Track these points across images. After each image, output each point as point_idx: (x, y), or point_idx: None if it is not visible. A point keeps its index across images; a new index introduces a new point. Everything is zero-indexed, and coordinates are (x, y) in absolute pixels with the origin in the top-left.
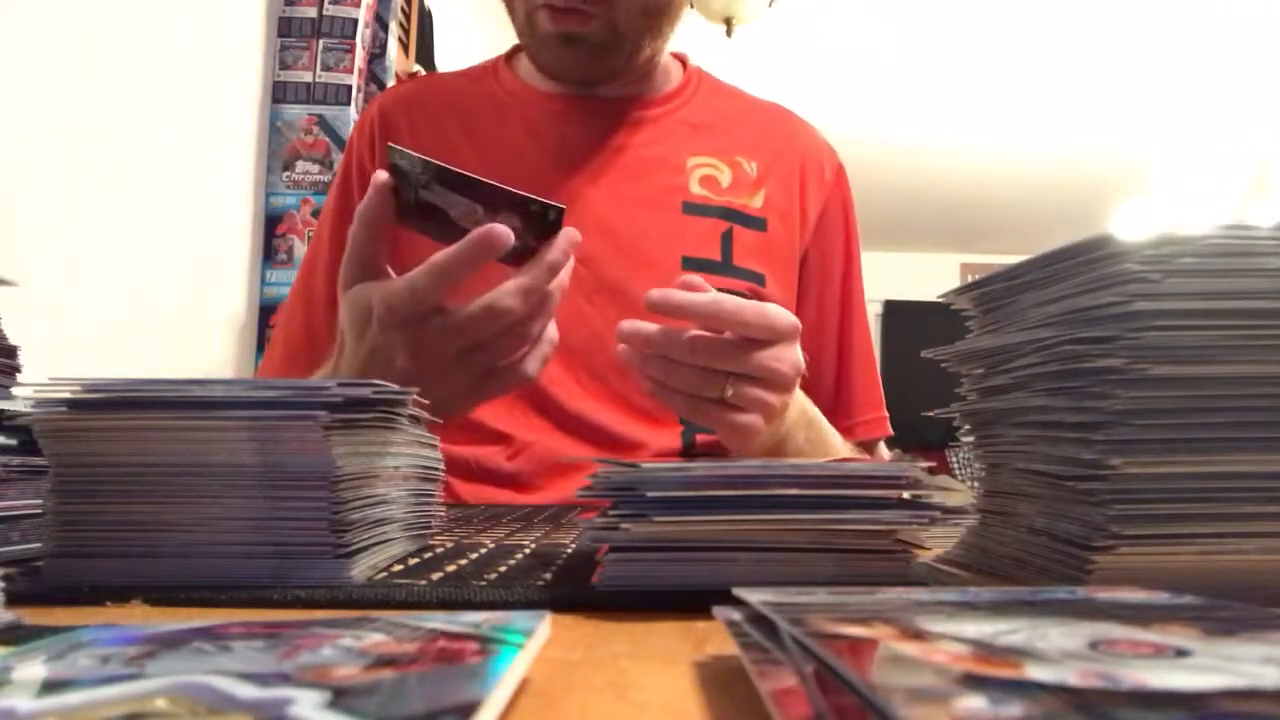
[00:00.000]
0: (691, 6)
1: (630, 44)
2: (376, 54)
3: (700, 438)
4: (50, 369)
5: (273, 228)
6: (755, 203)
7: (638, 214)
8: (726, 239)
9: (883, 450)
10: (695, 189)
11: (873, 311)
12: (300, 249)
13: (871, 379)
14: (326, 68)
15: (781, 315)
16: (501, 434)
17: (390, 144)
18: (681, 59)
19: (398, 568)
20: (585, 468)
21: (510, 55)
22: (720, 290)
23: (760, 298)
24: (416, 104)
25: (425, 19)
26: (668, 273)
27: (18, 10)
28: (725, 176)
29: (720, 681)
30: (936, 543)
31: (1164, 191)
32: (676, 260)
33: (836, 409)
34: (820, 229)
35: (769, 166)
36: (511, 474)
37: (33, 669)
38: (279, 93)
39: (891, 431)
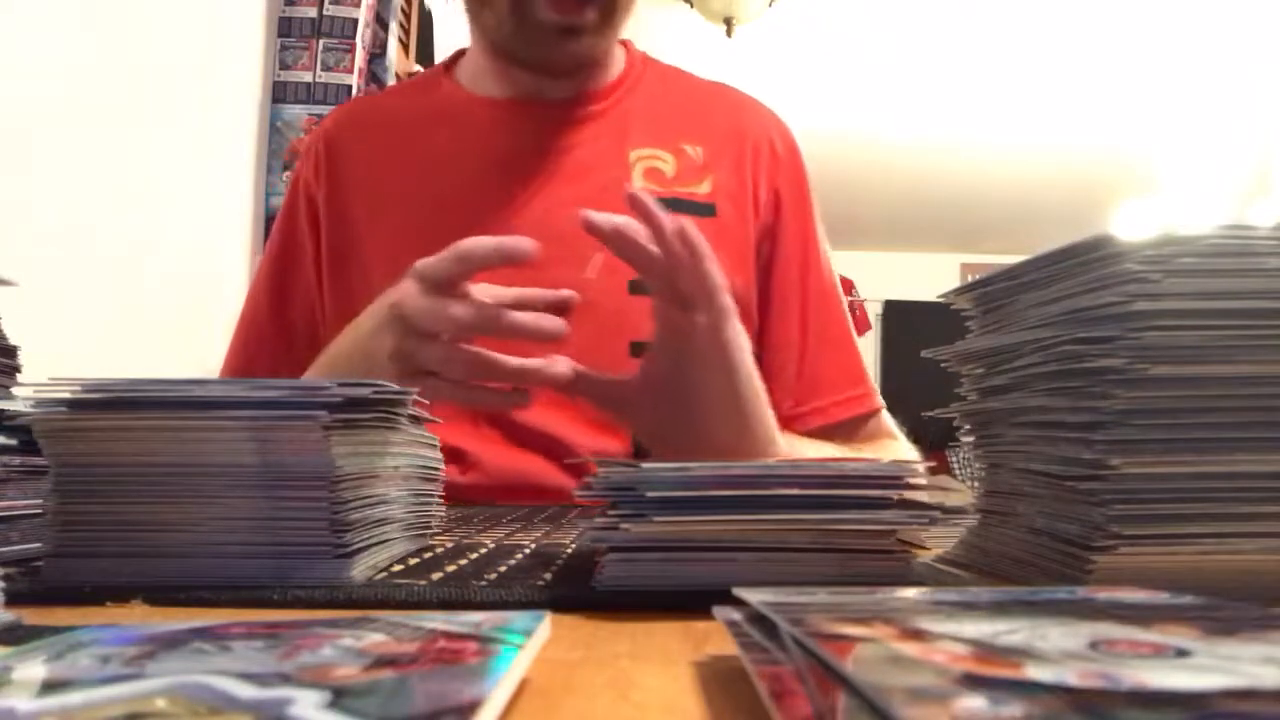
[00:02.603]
0: (691, 6)
1: (615, 30)
2: (376, 54)
3: (646, 445)
4: (50, 369)
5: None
6: (702, 189)
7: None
8: None
9: (886, 422)
10: (639, 183)
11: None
12: None
13: (845, 356)
14: (326, 68)
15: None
16: (454, 450)
17: None
18: (625, 45)
19: (398, 568)
20: (540, 480)
21: (450, 64)
22: None
23: None
24: (363, 125)
25: (425, 19)
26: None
27: (18, 10)
28: (670, 166)
29: (720, 681)
30: (936, 543)
31: (1165, 191)
32: None
33: (801, 390)
34: (772, 208)
35: (716, 150)
36: (467, 489)
37: (33, 669)
38: (279, 93)
39: (882, 405)
